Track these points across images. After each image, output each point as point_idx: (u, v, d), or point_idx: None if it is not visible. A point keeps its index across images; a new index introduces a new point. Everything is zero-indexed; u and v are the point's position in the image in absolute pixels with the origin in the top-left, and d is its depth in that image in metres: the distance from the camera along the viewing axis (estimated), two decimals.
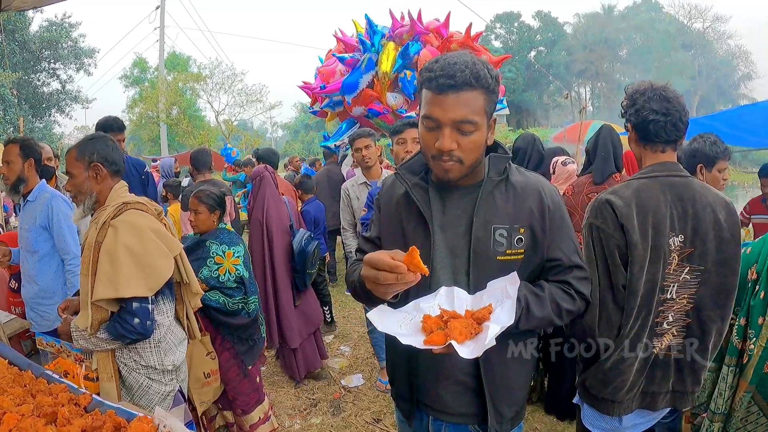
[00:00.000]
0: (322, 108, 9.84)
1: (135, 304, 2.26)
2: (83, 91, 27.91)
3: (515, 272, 1.49)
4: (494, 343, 1.27)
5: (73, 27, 26.02)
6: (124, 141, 4.54)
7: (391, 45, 8.58)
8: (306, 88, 10.00)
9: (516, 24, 61.31)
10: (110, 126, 4.34)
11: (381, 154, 4.33)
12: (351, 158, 7.87)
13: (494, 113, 1.62)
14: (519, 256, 1.65)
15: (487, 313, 1.38)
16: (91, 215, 2.48)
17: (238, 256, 3.34)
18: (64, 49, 25.76)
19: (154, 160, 13.09)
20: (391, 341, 1.84)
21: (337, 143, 9.34)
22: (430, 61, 1.60)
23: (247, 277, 3.39)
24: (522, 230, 1.65)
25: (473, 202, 1.66)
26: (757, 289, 2.39)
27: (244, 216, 8.62)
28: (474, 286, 1.60)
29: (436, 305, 1.46)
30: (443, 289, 1.54)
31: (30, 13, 23.16)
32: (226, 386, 3.33)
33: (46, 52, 25.42)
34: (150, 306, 2.32)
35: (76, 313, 2.49)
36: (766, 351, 2.31)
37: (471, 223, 1.64)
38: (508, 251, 1.63)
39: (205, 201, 3.34)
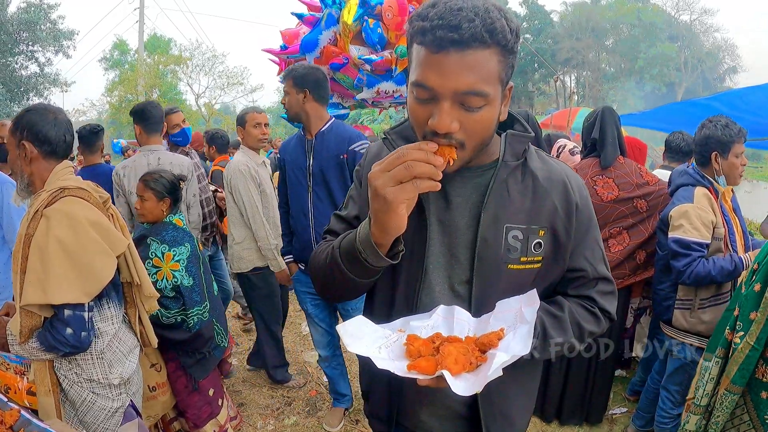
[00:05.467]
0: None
1: (67, 312, 1.91)
2: (62, 74, 27.19)
3: (534, 290, 1.17)
4: (500, 373, 1.00)
5: (51, 8, 25.32)
6: None
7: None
8: (269, 51, 9.53)
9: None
10: None
11: None
12: None
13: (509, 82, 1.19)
14: (535, 265, 1.31)
15: (495, 338, 1.09)
16: None
17: (178, 260, 2.88)
18: (43, 32, 25.02)
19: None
20: None
21: None
22: (424, 4, 1.11)
23: (189, 286, 2.91)
24: (542, 232, 1.29)
25: (481, 191, 1.29)
26: (753, 279, 2.19)
27: None
28: (477, 298, 1.30)
29: (429, 326, 1.17)
30: (441, 308, 1.24)
31: None
32: (176, 398, 3.01)
33: (24, 34, 24.68)
34: (86, 314, 1.95)
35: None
36: (754, 351, 2.11)
37: (477, 218, 1.28)
38: (522, 258, 1.29)
39: (152, 186, 2.93)
